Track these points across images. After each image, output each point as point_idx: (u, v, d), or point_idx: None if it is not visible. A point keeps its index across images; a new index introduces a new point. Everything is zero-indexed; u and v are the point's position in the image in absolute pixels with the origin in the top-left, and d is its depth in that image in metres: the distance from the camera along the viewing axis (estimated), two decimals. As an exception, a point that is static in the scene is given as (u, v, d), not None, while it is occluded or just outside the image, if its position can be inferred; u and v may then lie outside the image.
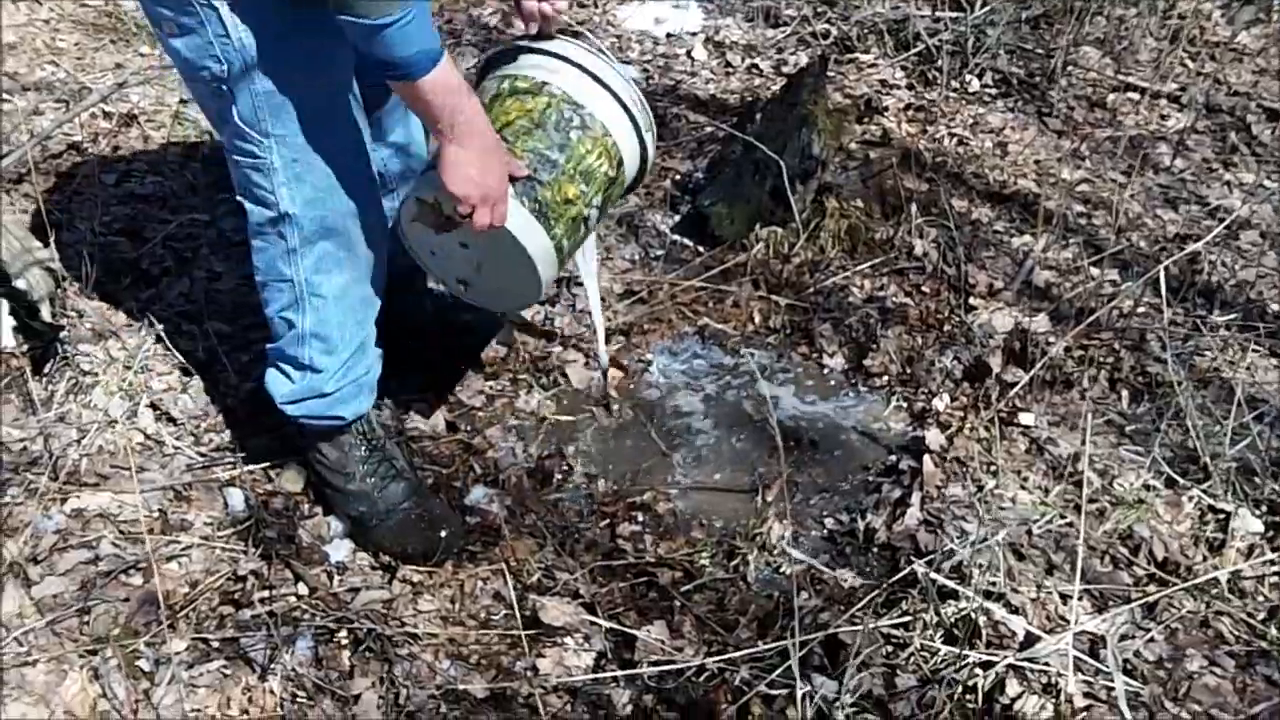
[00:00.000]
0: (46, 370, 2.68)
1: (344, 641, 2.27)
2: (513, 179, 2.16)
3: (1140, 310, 3.11)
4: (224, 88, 2.00)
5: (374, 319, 2.38)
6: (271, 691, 2.16)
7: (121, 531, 2.43)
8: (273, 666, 2.19)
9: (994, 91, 4.09)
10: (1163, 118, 4.04)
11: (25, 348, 2.68)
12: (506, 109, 2.27)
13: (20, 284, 2.66)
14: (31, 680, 2.13)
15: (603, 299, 3.12)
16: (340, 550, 2.47)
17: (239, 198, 2.18)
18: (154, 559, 2.32)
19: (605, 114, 2.33)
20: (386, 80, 1.95)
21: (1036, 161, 3.77)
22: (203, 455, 2.61)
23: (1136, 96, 4.09)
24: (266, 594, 2.34)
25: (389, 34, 1.83)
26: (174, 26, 1.96)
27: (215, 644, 2.23)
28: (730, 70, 4.22)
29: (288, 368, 2.35)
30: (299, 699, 2.15)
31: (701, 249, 3.39)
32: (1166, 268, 2.87)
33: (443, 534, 2.45)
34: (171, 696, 2.12)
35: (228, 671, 2.19)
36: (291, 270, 2.21)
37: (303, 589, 2.36)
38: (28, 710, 2.08)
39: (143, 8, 2.02)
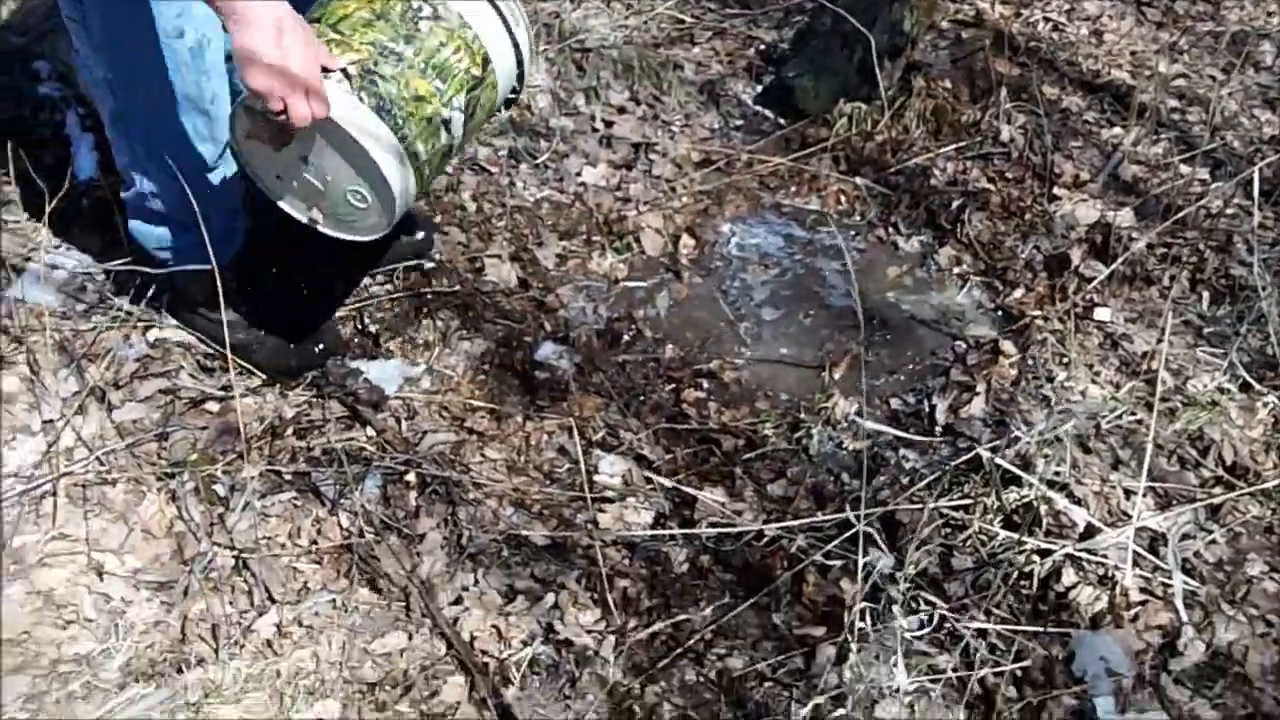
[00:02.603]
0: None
1: (411, 482, 2.32)
2: (341, 72, 1.92)
3: (1229, 211, 3.05)
4: None
5: (220, 172, 2.28)
6: (340, 524, 2.22)
7: (200, 364, 2.48)
8: (342, 501, 2.25)
9: (1094, -23, 3.97)
10: (1269, 14, 3.91)
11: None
12: (345, 1, 2.03)
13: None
14: (111, 498, 2.20)
15: (678, 166, 3.12)
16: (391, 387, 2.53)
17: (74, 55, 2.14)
18: (233, 389, 2.36)
19: (463, 4, 2.09)
20: None
21: (1132, 52, 3.68)
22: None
23: (1242, -10, 3.97)
24: (336, 433, 2.39)
25: None
26: None
27: (288, 476, 2.29)
28: (824, -60, 4.13)
29: (146, 217, 2.33)
30: (366, 533, 2.21)
31: (783, 121, 3.35)
32: (1260, 169, 2.81)
33: (320, 346, 2.52)
34: (245, 522, 2.18)
35: (299, 503, 2.25)
36: (120, 134, 2.18)
37: (370, 431, 2.40)
38: (107, 526, 2.16)
39: None
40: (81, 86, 2.84)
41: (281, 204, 2.14)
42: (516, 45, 2.18)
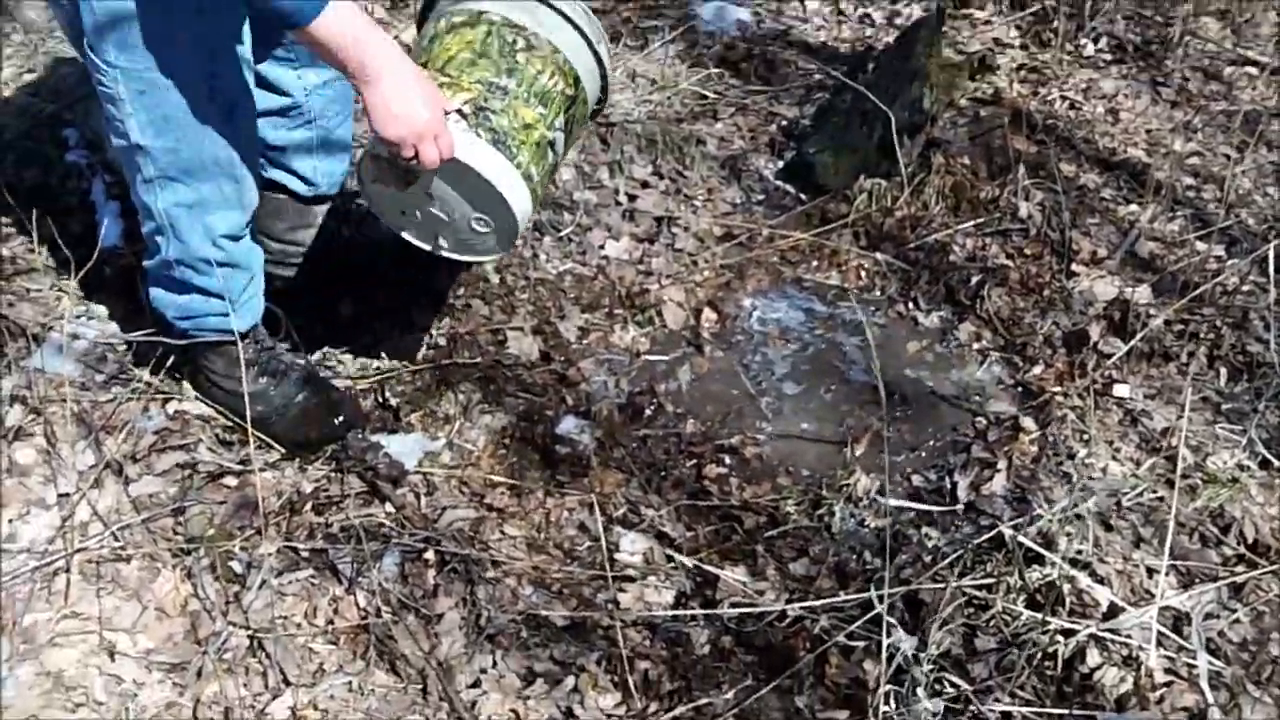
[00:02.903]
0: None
1: (430, 560, 2.30)
2: (457, 113, 2.11)
3: (1245, 288, 3.05)
4: (76, 14, 1.96)
5: (246, 241, 2.34)
6: (357, 604, 2.20)
7: (218, 437, 2.47)
8: (359, 579, 2.24)
9: (1109, 57, 4.00)
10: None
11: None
12: (447, 45, 2.20)
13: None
14: (125, 575, 2.19)
15: (701, 240, 3.13)
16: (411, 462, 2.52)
17: (105, 121, 2.15)
18: (252, 463, 2.36)
19: (550, 31, 2.25)
20: (286, 29, 1.91)
21: (1148, 131, 3.70)
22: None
23: (1254, 71, 3.99)
24: (355, 509, 2.38)
25: None
26: None
27: (305, 553, 2.28)
28: (842, 18, 4.16)
29: (170, 284, 2.33)
30: (383, 613, 2.19)
31: (804, 197, 3.37)
32: (1275, 247, 2.81)
33: (339, 419, 2.52)
34: (261, 601, 2.17)
35: (315, 581, 2.23)
36: (150, 200, 2.19)
37: (389, 507, 2.39)
38: (120, 604, 2.14)
39: None
40: (109, 153, 2.87)
41: (405, 235, 2.35)
42: (600, 60, 2.35)
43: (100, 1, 1.93)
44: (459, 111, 2.12)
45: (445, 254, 2.34)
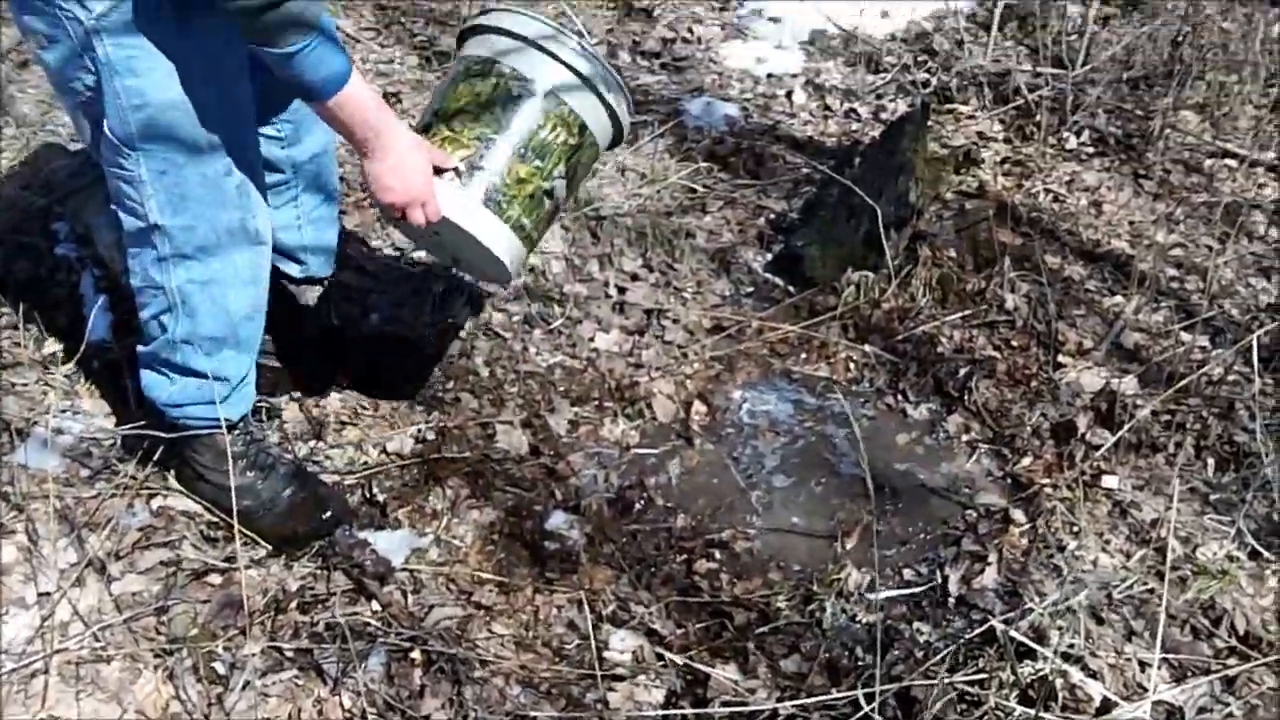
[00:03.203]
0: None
1: (416, 660, 2.27)
2: (453, 171, 2.25)
3: (1230, 379, 3.07)
4: (94, 98, 2.01)
5: (256, 325, 2.37)
6: (342, 705, 2.17)
7: (203, 534, 2.45)
8: (345, 680, 2.20)
9: (1091, 150, 4.05)
10: (1259, 186, 3.98)
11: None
12: (458, 94, 2.31)
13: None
14: (105, 677, 2.15)
15: (690, 333, 3.14)
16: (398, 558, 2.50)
17: (113, 205, 2.18)
18: (238, 563, 2.33)
19: (556, 83, 2.31)
20: (301, 99, 2.03)
21: (1131, 222, 3.74)
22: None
23: (1234, 163, 4.04)
24: (341, 607, 2.35)
25: (297, 60, 1.88)
26: (43, 39, 1.98)
27: (289, 653, 2.24)
28: (829, 113, 4.22)
29: (165, 370, 2.33)
30: (369, 715, 2.16)
31: (792, 289, 3.39)
32: (1259, 337, 2.83)
33: (327, 514, 2.51)
34: (244, 703, 2.13)
35: (300, 682, 2.20)
36: (163, 278, 2.20)
37: (375, 605, 2.37)
38: (100, 707, 2.10)
39: (16, 22, 2.04)
40: (99, 248, 2.88)
41: (429, 253, 2.80)
42: (609, 105, 2.39)
43: (125, 83, 1.97)
44: (455, 170, 2.24)
45: (460, 271, 2.73)
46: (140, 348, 2.35)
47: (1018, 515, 2.70)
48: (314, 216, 2.59)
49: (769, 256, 3.51)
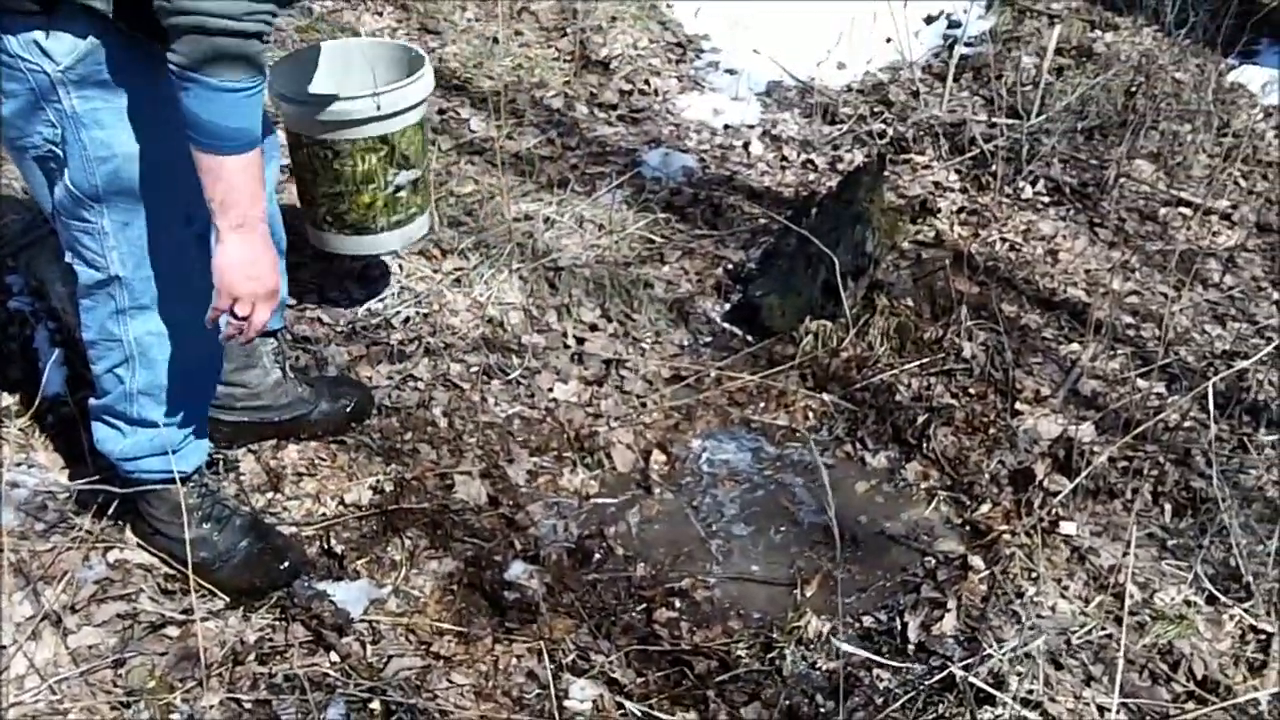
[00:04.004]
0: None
1: (376, 711, 2.26)
2: (327, 223, 2.97)
3: (1186, 425, 3.10)
4: (55, 151, 2.00)
5: (211, 372, 2.38)
6: (301, 758, 2.16)
7: (160, 586, 2.44)
8: (304, 732, 2.19)
9: (1047, 199, 4.10)
10: (1213, 234, 4.03)
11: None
12: (298, 174, 3.01)
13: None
14: (63, 730, 2.13)
15: (649, 383, 3.15)
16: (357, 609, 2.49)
17: (67, 258, 2.17)
18: (196, 615, 2.32)
19: (344, 132, 2.84)
20: (198, 149, 1.90)
21: (1087, 271, 3.78)
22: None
23: (1188, 212, 4.09)
24: (299, 659, 2.34)
25: (234, 99, 1.85)
26: None
27: (248, 704, 2.23)
28: (786, 164, 4.26)
29: (119, 423, 2.32)
30: (328, 766, 2.15)
31: (750, 339, 3.40)
32: (1214, 384, 2.86)
33: (284, 564, 2.50)
34: (202, 755, 2.12)
35: (259, 734, 2.19)
36: (120, 330, 2.20)
37: (334, 656, 2.36)
38: (57, 761, 2.09)
39: None
40: (54, 300, 2.86)
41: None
42: (401, 110, 2.87)
43: (91, 134, 1.97)
44: (325, 220, 2.98)
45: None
46: (93, 401, 2.34)
47: (976, 562, 2.71)
48: None
49: (727, 306, 3.53)
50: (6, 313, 2.95)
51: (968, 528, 2.84)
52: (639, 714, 2.32)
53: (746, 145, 4.34)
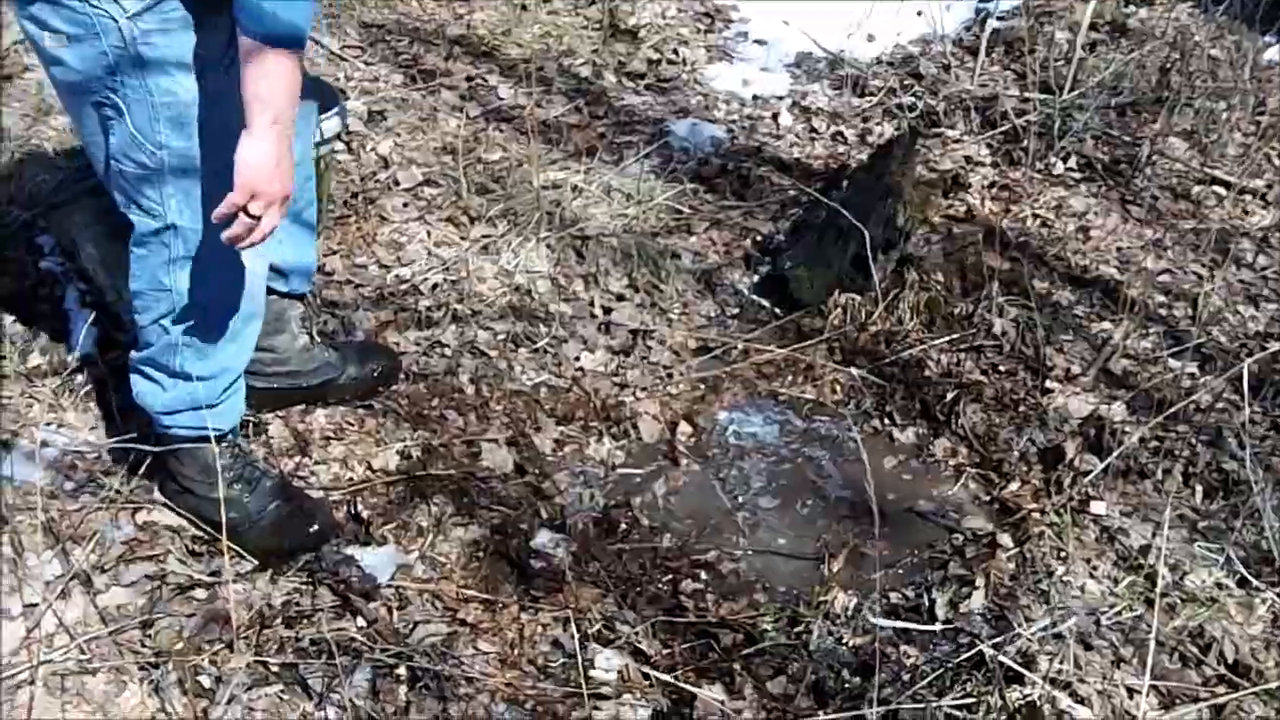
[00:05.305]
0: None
1: (401, 676, 2.26)
2: None
3: (1219, 406, 3.07)
4: (114, 99, 2.00)
5: (251, 331, 2.37)
6: (327, 720, 2.16)
7: (188, 548, 2.44)
8: (330, 695, 2.19)
9: (1078, 175, 4.06)
10: (1247, 213, 3.99)
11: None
12: None
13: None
14: (91, 689, 2.14)
15: (676, 354, 3.13)
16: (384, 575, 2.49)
17: (122, 209, 2.16)
18: (224, 577, 2.32)
19: None
20: (250, 37, 1.88)
21: (1119, 248, 3.74)
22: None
23: (1222, 190, 4.05)
24: (326, 623, 2.34)
25: None
26: (64, 37, 1.95)
27: (275, 668, 2.23)
28: (815, 136, 4.23)
29: (160, 375, 2.31)
30: (353, 730, 2.15)
31: (779, 311, 3.38)
32: (1248, 366, 2.83)
33: (313, 528, 2.50)
34: (230, 717, 2.12)
35: (285, 696, 2.19)
36: (170, 280, 2.20)
37: (361, 621, 2.36)
38: (86, 718, 2.09)
39: (23, 25, 1.99)
40: (84, 261, 2.86)
41: None
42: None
43: (157, 80, 1.97)
44: None
45: None
46: (134, 354, 2.34)
47: (1005, 540, 2.69)
48: (292, 232, 2.56)
49: (755, 278, 3.51)
50: (37, 273, 2.95)
51: (996, 505, 2.82)
52: (665, 684, 2.31)
53: (775, 116, 4.31)
